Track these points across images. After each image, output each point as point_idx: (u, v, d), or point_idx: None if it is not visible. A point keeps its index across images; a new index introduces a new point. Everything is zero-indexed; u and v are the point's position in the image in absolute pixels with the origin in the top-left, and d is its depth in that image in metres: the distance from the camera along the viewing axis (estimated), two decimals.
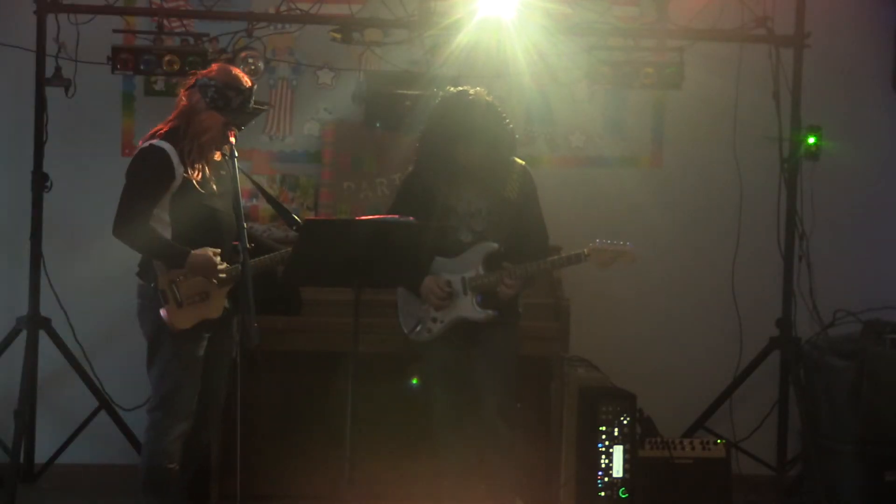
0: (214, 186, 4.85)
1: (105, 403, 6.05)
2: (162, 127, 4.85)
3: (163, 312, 4.73)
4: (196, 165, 4.79)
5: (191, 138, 4.77)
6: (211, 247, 4.79)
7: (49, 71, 5.94)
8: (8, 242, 6.24)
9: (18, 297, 6.00)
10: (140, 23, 6.22)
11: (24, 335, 5.90)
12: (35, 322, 5.91)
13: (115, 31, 6.08)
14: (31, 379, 5.91)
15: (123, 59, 5.88)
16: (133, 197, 4.75)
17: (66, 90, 5.98)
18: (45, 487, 6.02)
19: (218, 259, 4.79)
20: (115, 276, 5.27)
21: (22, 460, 5.92)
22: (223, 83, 4.78)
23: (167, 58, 5.89)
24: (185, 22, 6.23)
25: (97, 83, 6.11)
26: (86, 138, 6.27)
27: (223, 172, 4.92)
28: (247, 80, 4.85)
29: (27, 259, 5.93)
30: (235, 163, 4.76)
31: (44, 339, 5.95)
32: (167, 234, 4.78)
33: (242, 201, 4.77)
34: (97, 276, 5.97)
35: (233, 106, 4.77)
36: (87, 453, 6.13)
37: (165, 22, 6.08)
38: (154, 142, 4.77)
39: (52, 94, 5.96)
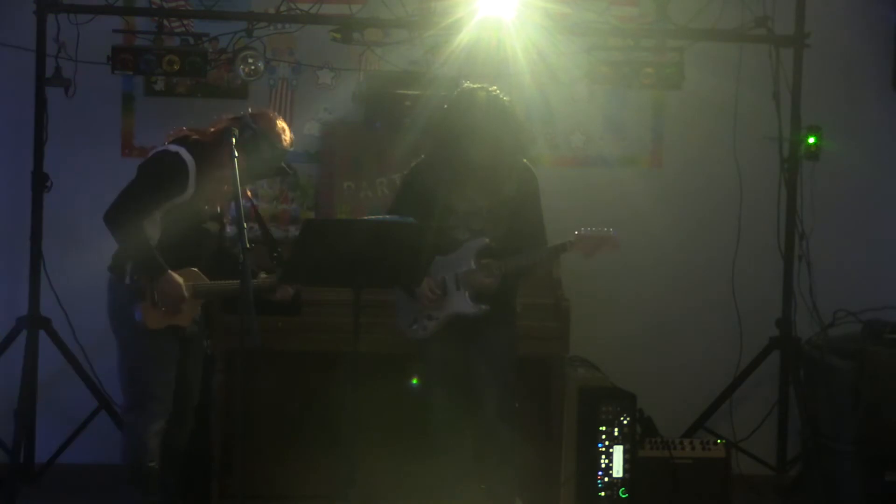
0: (212, 207, 4.90)
1: (105, 403, 6.05)
2: (192, 135, 4.86)
3: (137, 308, 4.75)
4: (212, 197, 4.83)
5: (209, 168, 4.80)
6: (192, 255, 4.83)
7: (49, 71, 5.94)
8: (8, 242, 6.24)
9: (18, 297, 6.00)
10: (140, 23, 6.22)
11: (24, 335, 5.90)
12: (35, 322, 5.91)
13: (115, 31, 6.08)
14: (31, 379, 5.90)
15: (123, 59, 5.88)
16: (140, 194, 4.77)
17: (66, 90, 5.98)
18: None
19: (189, 295, 4.79)
20: None
21: (22, 460, 5.91)
22: (263, 132, 4.84)
23: (167, 58, 5.89)
24: (185, 22, 6.23)
25: (97, 83, 6.11)
26: (86, 138, 6.27)
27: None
28: (287, 141, 4.90)
29: (27, 259, 5.93)
30: (236, 163, 4.76)
31: (44, 339, 5.95)
32: (156, 233, 4.79)
33: (243, 202, 4.77)
34: (97, 276, 5.92)
35: (262, 156, 4.82)
36: (87, 453, 6.12)
37: (165, 22, 6.08)
38: (181, 151, 4.78)
39: (52, 94, 5.96)
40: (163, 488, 4.97)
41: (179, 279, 4.78)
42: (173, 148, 4.81)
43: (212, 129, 4.90)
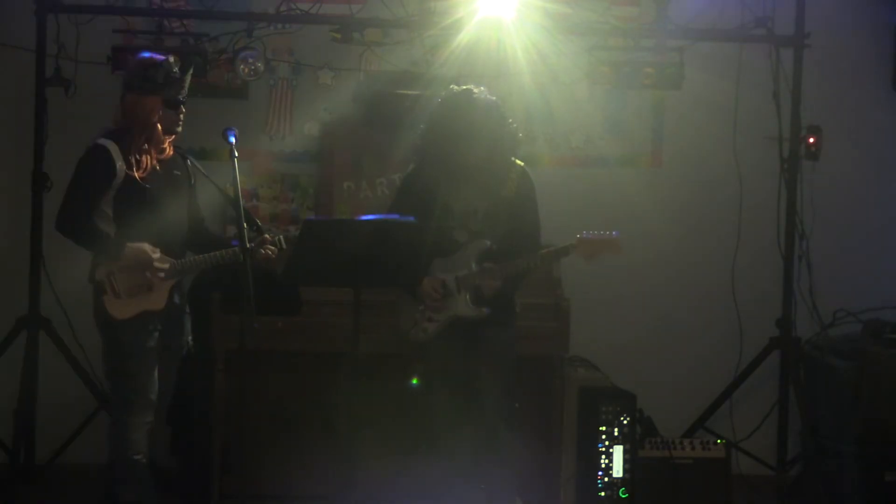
0: (161, 185, 4.85)
1: (105, 403, 6.03)
2: (107, 128, 4.91)
3: (102, 302, 4.76)
4: (145, 160, 4.81)
5: (139, 130, 4.82)
6: (153, 242, 4.80)
7: (49, 71, 5.94)
8: (8, 242, 6.24)
9: (18, 297, 6.00)
10: (140, 23, 6.22)
11: (24, 335, 5.90)
12: (35, 322, 5.91)
13: (115, 31, 6.09)
14: (31, 379, 5.90)
15: (123, 59, 5.87)
16: (74, 193, 4.82)
17: (66, 90, 5.98)
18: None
19: (157, 254, 4.78)
20: None
21: (22, 460, 5.92)
22: (138, 68, 4.87)
23: None
24: (185, 22, 6.23)
25: (97, 83, 6.10)
26: (86, 138, 6.21)
27: (177, 172, 4.94)
28: (158, 56, 4.91)
29: (27, 259, 5.93)
30: (235, 163, 4.77)
31: (44, 339, 5.95)
32: (111, 229, 4.81)
33: (242, 202, 4.77)
34: None
35: (159, 81, 4.83)
36: (87, 453, 6.11)
37: (165, 22, 6.08)
38: (98, 140, 4.83)
39: (52, 94, 5.96)
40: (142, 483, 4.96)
41: (141, 244, 4.77)
42: (91, 143, 4.87)
43: (118, 111, 4.94)
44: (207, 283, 5.48)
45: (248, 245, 4.68)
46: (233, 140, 4.85)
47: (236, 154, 4.81)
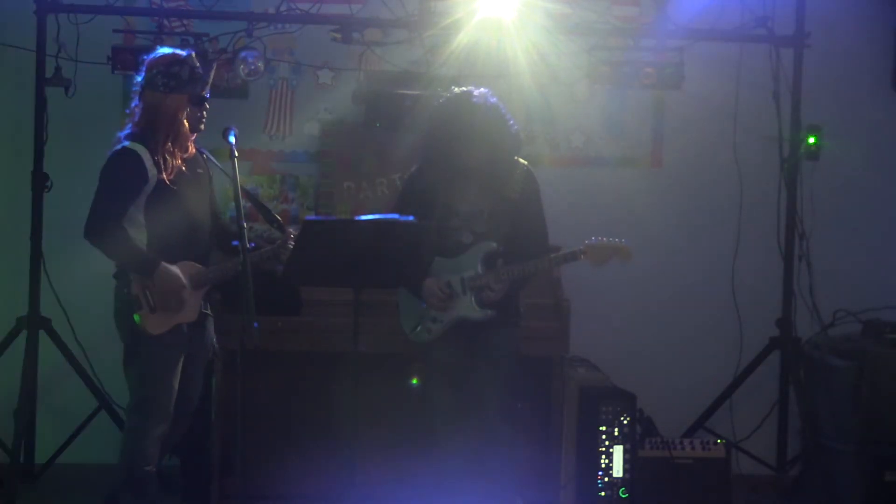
0: (189, 185, 4.82)
1: (105, 403, 6.05)
2: (131, 129, 4.81)
3: (136, 317, 4.72)
4: (171, 162, 4.75)
5: (165, 130, 4.76)
6: (186, 247, 4.78)
7: (49, 71, 5.94)
8: (8, 242, 6.24)
9: (18, 297, 6.00)
10: (140, 23, 6.22)
11: (24, 335, 5.90)
12: (35, 322, 5.91)
13: (115, 31, 6.09)
14: (31, 379, 5.91)
15: (123, 59, 5.88)
16: (105, 200, 4.73)
17: (66, 90, 5.98)
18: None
19: (186, 282, 4.75)
20: None
21: (22, 460, 5.92)
22: (164, 65, 4.78)
23: None
24: (185, 22, 6.24)
25: (97, 83, 6.11)
26: (86, 138, 6.26)
27: (200, 171, 4.91)
28: (180, 53, 4.85)
29: (27, 259, 5.93)
30: (235, 163, 4.76)
31: (44, 339, 5.95)
32: (142, 235, 4.76)
33: (243, 202, 4.76)
34: (97, 276, 5.93)
35: (185, 79, 4.76)
36: (87, 453, 6.12)
37: (165, 22, 6.08)
38: (127, 144, 4.75)
39: (52, 94, 5.96)
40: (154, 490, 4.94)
41: (175, 269, 4.75)
42: (118, 146, 4.78)
43: (138, 111, 4.83)
44: None
45: (247, 245, 4.67)
46: (233, 140, 4.82)
47: (236, 154, 4.80)
